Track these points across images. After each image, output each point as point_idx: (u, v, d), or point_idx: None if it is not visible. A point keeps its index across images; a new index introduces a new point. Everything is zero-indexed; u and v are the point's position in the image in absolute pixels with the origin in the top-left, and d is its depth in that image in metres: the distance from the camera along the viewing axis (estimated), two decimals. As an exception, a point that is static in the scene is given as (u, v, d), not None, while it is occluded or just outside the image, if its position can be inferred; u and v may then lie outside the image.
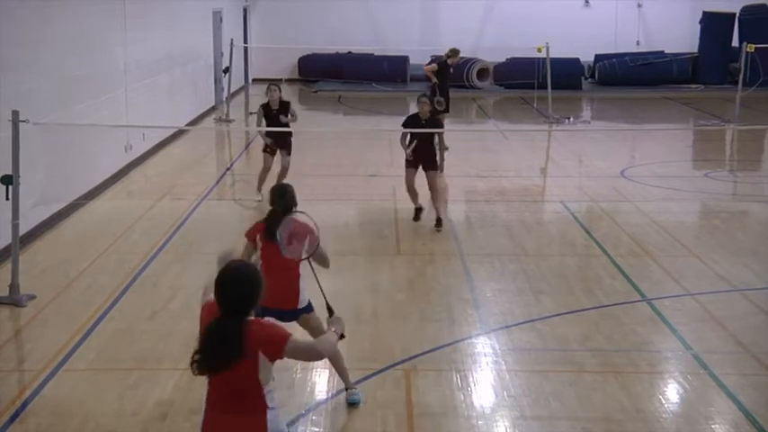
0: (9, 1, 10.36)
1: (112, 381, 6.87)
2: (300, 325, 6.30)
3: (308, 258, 5.26)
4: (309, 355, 4.23)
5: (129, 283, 9.16)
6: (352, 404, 6.45)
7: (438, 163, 11.31)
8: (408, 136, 11.18)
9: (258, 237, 6.42)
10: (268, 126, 12.31)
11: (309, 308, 6.38)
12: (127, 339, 7.71)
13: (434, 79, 15.67)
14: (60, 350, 7.39)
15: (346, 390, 6.54)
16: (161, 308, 8.44)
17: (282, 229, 5.24)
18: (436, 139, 11.23)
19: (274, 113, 12.31)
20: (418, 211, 11.51)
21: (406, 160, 11.23)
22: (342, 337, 4.36)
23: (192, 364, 4.00)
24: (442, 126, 11.58)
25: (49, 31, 11.40)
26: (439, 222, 11.10)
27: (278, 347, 3.93)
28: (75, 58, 12.32)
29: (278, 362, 4.00)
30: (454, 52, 16.01)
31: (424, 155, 11.15)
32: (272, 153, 12.61)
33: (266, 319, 4.21)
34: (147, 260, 9.89)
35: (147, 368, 7.11)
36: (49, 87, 11.33)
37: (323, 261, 6.03)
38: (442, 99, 14.64)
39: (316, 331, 6.18)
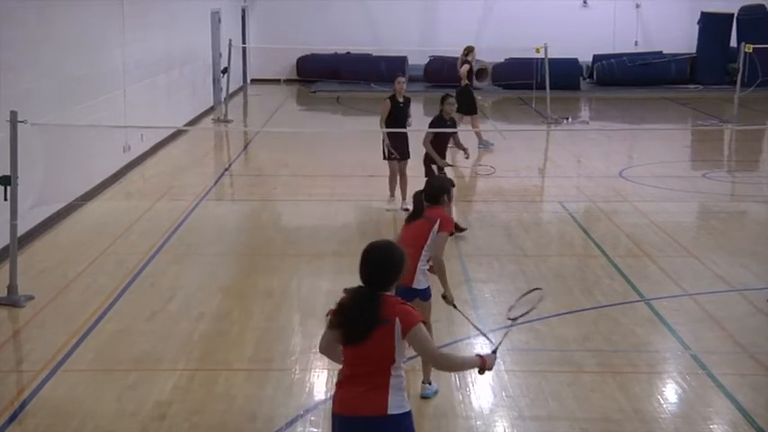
0: (8, 1, 10.36)
1: (111, 381, 6.87)
2: None
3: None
4: (430, 353, 4.26)
5: (128, 283, 9.16)
6: (424, 398, 6.51)
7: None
8: (431, 136, 11.20)
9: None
10: (392, 125, 11.65)
11: (426, 294, 6.57)
12: (125, 340, 7.71)
13: (466, 81, 16.11)
14: (59, 351, 7.39)
15: (423, 383, 6.59)
16: (160, 309, 8.44)
17: None
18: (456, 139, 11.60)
19: (401, 106, 11.84)
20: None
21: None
22: (481, 371, 4.40)
23: (329, 322, 4.27)
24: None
25: (48, 32, 11.40)
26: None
27: (410, 322, 4.08)
28: (73, 58, 12.32)
29: (274, 364, 4.00)
30: (470, 49, 16.44)
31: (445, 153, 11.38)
32: (399, 158, 11.87)
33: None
34: (145, 261, 9.88)
35: (145, 369, 7.11)
36: (48, 88, 11.33)
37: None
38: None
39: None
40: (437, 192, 6.73)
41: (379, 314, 4.13)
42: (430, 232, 6.52)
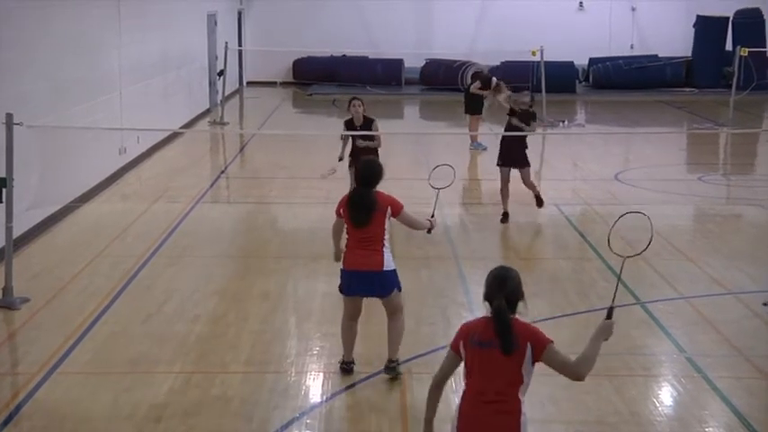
0: (5, 3, 10.35)
1: (107, 384, 6.87)
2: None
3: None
4: (564, 364, 4.47)
5: (124, 286, 9.16)
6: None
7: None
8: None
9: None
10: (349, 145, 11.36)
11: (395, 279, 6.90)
12: (121, 342, 7.70)
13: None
14: (54, 353, 7.38)
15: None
16: (156, 311, 8.44)
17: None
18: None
19: (357, 129, 11.40)
20: (506, 215, 11.75)
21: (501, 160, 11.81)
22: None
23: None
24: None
25: (44, 34, 11.39)
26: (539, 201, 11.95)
27: (542, 344, 4.40)
28: (70, 60, 12.32)
29: (270, 366, 4.00)
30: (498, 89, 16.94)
31: (514, 154, 11.67)
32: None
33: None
34: (141, 263, 9.88)
35: (141, 371, 7.11)
36: (44, 90, 11.32)
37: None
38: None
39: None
40: (377, 174, 6.83)
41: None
42: (385, 221, 6.76)
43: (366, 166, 6.82)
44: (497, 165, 11.94)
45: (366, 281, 6.72)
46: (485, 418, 4.27)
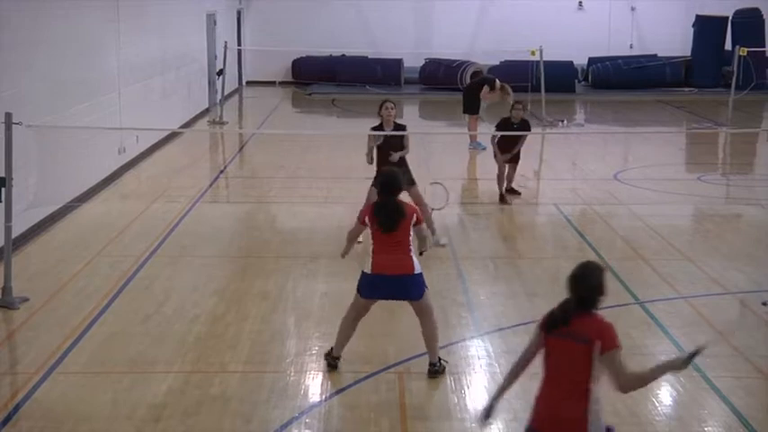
0: (3, 4, 10.35)
1: (105, 384, 6.86)
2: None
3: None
4: (618, 373, 4.49)
5: (123, 285, 9.15)
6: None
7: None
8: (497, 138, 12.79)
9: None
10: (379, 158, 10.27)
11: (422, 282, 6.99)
12: (120, 342, 7.69)
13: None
14: (53, 353, 7.38)
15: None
16: (154, 311, 8.43)
17: None
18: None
19: (386, 138, 10.36)
20: (504, 196, 12.75)
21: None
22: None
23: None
24: (529, 129, 13.16)
25: (43, 34, 11.39)
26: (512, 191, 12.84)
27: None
28: (69, 60, 12.31)
29: (269, 366, 4.00)
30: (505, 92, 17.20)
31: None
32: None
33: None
34: (140, 263, 9.87)
35: (140, 371, 7.11)
36: (43, 90, 11.31)
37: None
38: None
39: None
40: (399, 184, 6.97)
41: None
42: (410, 226, 6.88)
43: (390, 177, 6.95)
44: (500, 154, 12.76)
45: (395, 285, 6.81)
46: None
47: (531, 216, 12.66)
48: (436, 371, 6.95)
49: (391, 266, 6.76)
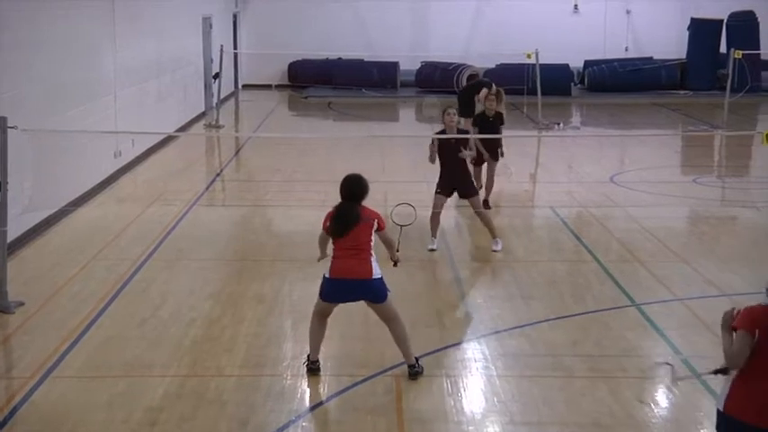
0: (-2, 7, 10.35)
1: (102, 388, 6.85)
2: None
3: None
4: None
5: (119, 289, 9.14)
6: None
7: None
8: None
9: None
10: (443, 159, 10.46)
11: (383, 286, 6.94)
12: (116, 346, 7.69)
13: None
14: (49, 357, 7.37)
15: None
16: (150, 315, 8.43)
17: None
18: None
19: (451, 143, 10.35)
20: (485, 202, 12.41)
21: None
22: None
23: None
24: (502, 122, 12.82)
25: (39, 38, 11.38)
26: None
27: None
28: (64, 64, 12.30)
29: (265, 369, 3.99)
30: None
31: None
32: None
33: None
34: (136, 267, 9.86)
35: (136, 375, 7.10)
36: (38, 94, 11.31)
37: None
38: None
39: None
40: (364, 189, 6.99)
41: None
42: (372, 232, 6.90)
43: (352, 182, 6.98)
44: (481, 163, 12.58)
45: (355, 288, 6.81)
46: None
47: (527, 219, 12.67)
48: (417, 372, 6.93)
49: (349, 271, 6.75)
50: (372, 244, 6.84)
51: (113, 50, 14.69)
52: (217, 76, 21.45)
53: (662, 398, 6.82)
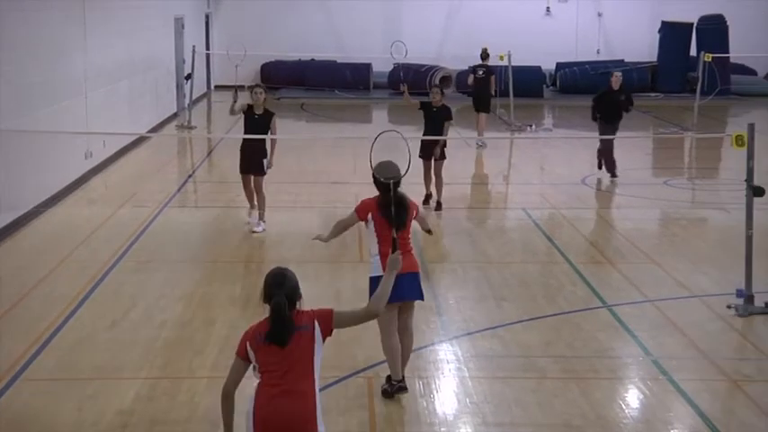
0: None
1: (71, 391, 6.79)
2: None
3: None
4: (363, 315, 4.63)
5: (89, 291, 9.06)
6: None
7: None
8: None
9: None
10: (246, 131, 11.65)
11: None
12: (87, 349, 7.62)
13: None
14: (17, 361, 7.29)
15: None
16: (121, 317, 8.36)
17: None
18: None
19: (256, 118, 11.71)
20: (428, 196, 12.54)
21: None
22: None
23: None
24: (450, 116, 12.38)
25: (7, 37, 11.26)
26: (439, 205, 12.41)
27: (327, 321, 4.53)
28: (34, 64, 12.18)
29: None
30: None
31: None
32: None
33: None
34: (107, 269, 9.78)
35: (107, 377, 7.04)
36: (7, 94, 11.18)
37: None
38: None
39: None
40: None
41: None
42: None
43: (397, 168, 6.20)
44: (419, 157, 12.28)
45: (416, 282, 6.72)
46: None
47: (499, 220, 12.71)
48: (401, 388, 6.71)
49: (411, 264, 6.63)
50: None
51: (84, 51, 14.56)
52: (189, 76, 21.33)
53: (632, 398, 6.87)
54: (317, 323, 4.46)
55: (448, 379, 7.11)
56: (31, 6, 12.19)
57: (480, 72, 18.68)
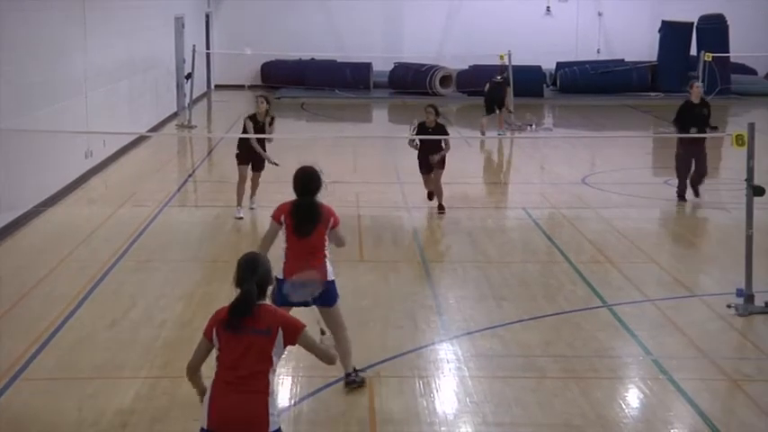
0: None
1: (71, 390, 6.79)
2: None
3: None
4: (320, 354, 4.62)
5: (89, 291, 9.06)
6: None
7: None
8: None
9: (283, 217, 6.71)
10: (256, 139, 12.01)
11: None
12: (87, 348, 7.62)
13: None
14: (18, 359, 7.29)
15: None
16: (121, 316, 8.36)
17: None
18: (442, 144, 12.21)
19: (261, 125, 11.99)
20: (431, 193, 12.54)
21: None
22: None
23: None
24: (447, 134, 12.40)
25: (7, 38, 11.26)
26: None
27: (294, 331, 4.49)
28: (34, 64, 12.18)
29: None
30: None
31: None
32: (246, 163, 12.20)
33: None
34: (107, 268, 9.78)
35: (107, 377, 7.04)
36: (7, 94, 11.18)
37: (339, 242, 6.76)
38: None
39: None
40: (318, 183, 6.74)
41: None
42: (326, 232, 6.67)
43: (306, 175, 6.69)
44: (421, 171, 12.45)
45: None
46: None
47: (499, 220, 12.71)
48: (354, 381, 6.75)
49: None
50: (327, 244, 6.60)
51: (84, 50, 14.56)
52: (189, 76, 21.33)
53: (632, 398, 6.87)
54: (281, 330, 4.45)
55: (448, 378, 7.11)
56: (31, 6, 12.19)
57: (498, 78, 19.56)
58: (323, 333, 4.85)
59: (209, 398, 4.53)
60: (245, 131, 12.04)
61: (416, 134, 12.20)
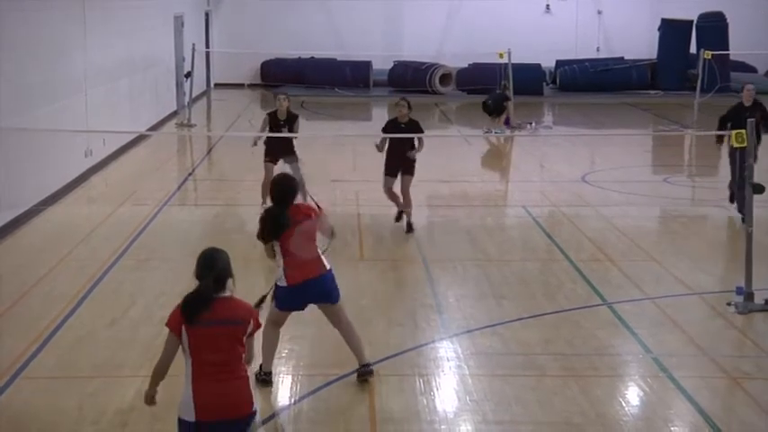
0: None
1: (71, 389, 6.80)
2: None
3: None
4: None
5: (89, 290, 9.07)
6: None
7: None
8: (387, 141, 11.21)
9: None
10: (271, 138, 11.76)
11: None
12: (86, 347, 7.62)
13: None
14: (17, 359, 7.29)
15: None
16: (121, 315, 8.37)
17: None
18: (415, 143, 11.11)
19: (281, 124, 11.76)
20: (401, 213, 11.45)
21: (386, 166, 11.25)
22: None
23: None
24: (421, 131, 11.26)
25: (7, 38, 11.26)
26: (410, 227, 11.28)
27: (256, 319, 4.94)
28: (34, 62, 12.18)
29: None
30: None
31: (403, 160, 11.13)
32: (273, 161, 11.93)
33: None
34: (106, 267, 9.79)
35: (106, 375, 7.05)
36: (7, 93, 11.18)
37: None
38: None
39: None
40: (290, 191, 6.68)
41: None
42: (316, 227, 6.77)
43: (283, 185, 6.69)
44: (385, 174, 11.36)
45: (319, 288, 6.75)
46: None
47: (499, 218, 12.71)
48: (266, 380, 6.82)
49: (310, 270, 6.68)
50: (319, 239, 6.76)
51: (84, 49, 14.56)
52: (189, 74, 21.32)
53: (632, 396, 6.87)
54: (252, 321, 4.84)
55: (448, 377, 7.12)
56: (31, 6, 12.18)
57: (498, 91, 20.36)
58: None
59: (191, 391, 4.71)
60: (263, 127, 11.81)
61: (386, 131, 11.18)
